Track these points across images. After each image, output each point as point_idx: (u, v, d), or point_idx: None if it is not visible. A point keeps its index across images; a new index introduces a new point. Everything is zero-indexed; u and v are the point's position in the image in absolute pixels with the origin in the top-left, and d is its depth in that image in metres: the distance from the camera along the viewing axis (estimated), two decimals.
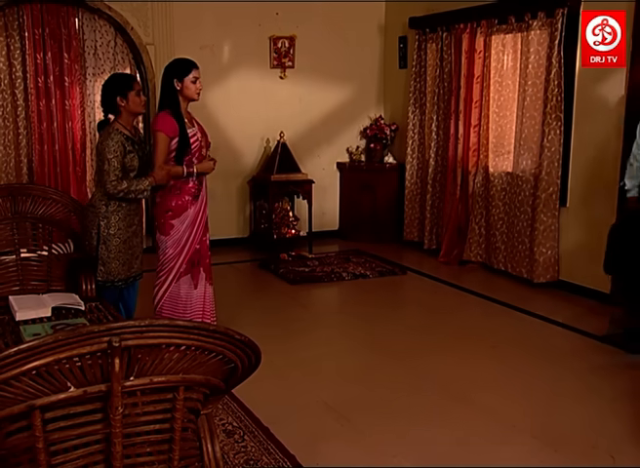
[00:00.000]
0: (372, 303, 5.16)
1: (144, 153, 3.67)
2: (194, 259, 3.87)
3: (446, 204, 6.31)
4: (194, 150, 3.77)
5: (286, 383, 3.68)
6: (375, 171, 7.05)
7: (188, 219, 3.82)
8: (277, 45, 6.71)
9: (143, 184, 3.54)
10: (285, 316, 4.81)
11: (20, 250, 3.70)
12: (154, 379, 1.60)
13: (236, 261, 6.25)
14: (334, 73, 6.99)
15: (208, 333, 1.61)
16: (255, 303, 5.09)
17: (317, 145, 7.08)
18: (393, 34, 7.08)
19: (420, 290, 5.64)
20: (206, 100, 6.37)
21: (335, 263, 6.14)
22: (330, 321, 4.82)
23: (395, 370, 3.87)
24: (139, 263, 3.77)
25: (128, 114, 3.61)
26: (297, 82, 6.84)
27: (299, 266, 6.00)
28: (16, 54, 5.82)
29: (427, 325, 4.63)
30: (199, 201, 3.82)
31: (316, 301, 5.36)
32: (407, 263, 6.26)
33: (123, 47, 6.21)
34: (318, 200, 6.81)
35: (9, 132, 5.94)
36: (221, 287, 5.18)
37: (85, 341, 1.46)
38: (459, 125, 6.09)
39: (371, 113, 7.22)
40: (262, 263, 6.14)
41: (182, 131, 3.73)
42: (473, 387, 3.63)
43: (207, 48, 6.42)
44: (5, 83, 5.85)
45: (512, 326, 4.64)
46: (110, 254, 3.63)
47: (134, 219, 3.69)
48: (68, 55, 5.95)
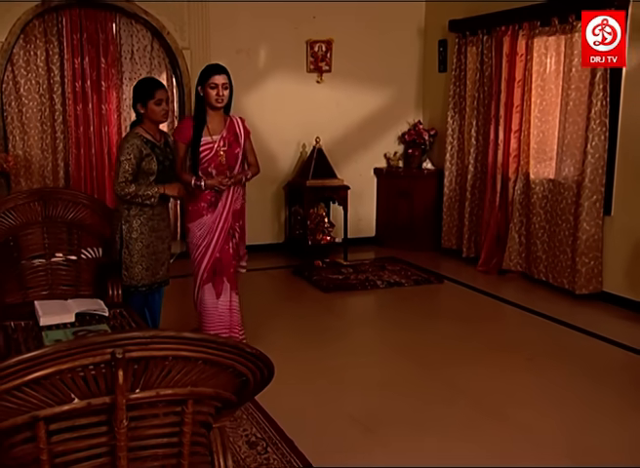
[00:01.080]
0: (406, 312, 5.07)
1: (167, 158, 3.67)
2: (215, 268, 3.84)
3: (485, 211, 6.19)
4: (203, 160, 3.73)
5: (313, 393, 3.63)
6: (413, 177, 6.97)
7: (205, 227, 3.80)
8: (314, 49, 6.69)
9: (151, 191, 3.55)
10: (316, 324, 4.76)
11: (50, 254, 3.75)
12: (161, 392, 1.57)
13: (270, 268, 6.22)
14: (371, 77, 6.93)
15: (217, 346, 1.56)
16: (286, 311, 5.04)
17: (354, 151, 7.02)
18: (433, 37, 6.99)
19: (457, 299, 5.53)
20: (241, 105, 6.38)
21: (369, 271, 6.07)
22: (362, 330, 4.74)
23: (427, 381, 3.78)
24: (164, 270, 3.76)
25: (148, 120, 3.63)
26: (333, 86, 6.81)
27: (332, 273, 5.95)
28: (54, 59, 5.92)
29: (462, 335, 4.52)
30: (218, 209, 3.78)
31: (349, 310, 5.29)
32: (444, 272, 6.15)
33: (159, 51, 6.26)
34: (354, 206, 6.78)
35: (46, 136, 6.04)
36: (254, 294, 5.21)
37: (87, 352, 1.43)
38: (499, 130, 5.97)
39: (409, 118, 7.14)
40: (296, 270, 6.11)
41: (195, 139, 3.70)
42: (508, 402, 3.52)
43: (243, 52, 6.43)
44: (43, 88, 5.96)
45: (551, 338, 4.50)
46: (133, 259, 3.63)
47: (159, 224, 3.69)
48: (105, 59, 6.04)
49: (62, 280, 3.75)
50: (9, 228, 3.66)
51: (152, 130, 3.65)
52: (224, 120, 3.80)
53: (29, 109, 5.93)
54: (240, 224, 3.90)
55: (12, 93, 5.86)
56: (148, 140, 3.60)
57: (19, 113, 5.92)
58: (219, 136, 3.74)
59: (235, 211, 3.87)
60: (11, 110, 5.89)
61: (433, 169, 6.94)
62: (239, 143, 3.79)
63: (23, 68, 5.85)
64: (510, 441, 3.12)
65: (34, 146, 6.02)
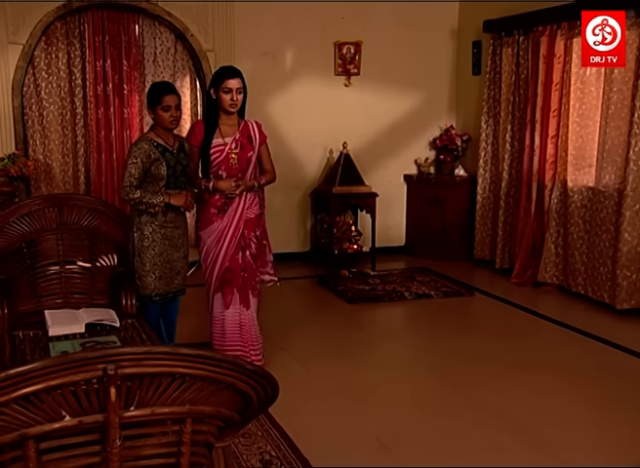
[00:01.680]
0: (434, 326, 4.99)
1: (180, 163, 3.66)
2: (225, 278, 3.80)
3: (520, 220, 6.08)
4: (214, 163, 3.72)
5: (334, 410, 3.57)
6: (444, 184, 6.89)
7: (214, 235, 3.77)
8: (342, 51, 6.66)
9: (156, 200, 3.56)
10: (339, 337, 4.71)
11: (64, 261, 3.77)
12: (157, 410, 1.54)
13: (294, 277, 6.17)
14: (402, 80, 6.88)
15: (215, 363, 1.53)
16: (309, 323, 5.00)
17: (383, 157, 6.97)
18: (467, 39, 6.91)
19: (489, 313, 5.43)
20: (267, 109, 6.42)
21: (397, 282, 6.00)
22: (387, 344, 4.67)
23: (456, 400, 3.69)
24: (180, 279, 3.75)
25: (158, 126, 3.66)
26: (362, 90, 6.77)
27: (359, 284, 5.90)
28: (76, 61, 5.99)
29: (494, 352, 4.42)
30: (228, 216, 3.75)
31: (374, 322, 5.23)
32: (476, 283, 6.05)
33: (183, 54, 6.30)
34: (383, 214, 6.72)
35: (67, 140, 6.11)
36: (276, 304, 5.18)
37: (78, 368, 1.40)
38: (535, 135, 5.86)
39: (441, 123, 7.07)
40: (321, 280, 6.07)
41: (205, 140, 3.70)
42: (542, 424, 3.41)
43: (269, 54, 6.44)
44: (65, 91, 6.02)
45: (590, 356, 4.37)
46: (145, 267, 3.64)
47: (173, 232, 3.68)
48: (128, 62, 6.08)
49: (76, 288, 3.76)
50: (22, 234, 3.69)
51: (164, 134, 3.65)
52: (238, 123, 3.79)
53: (50, 113, 6.00)
54: (256, 234, 3.85)
55: (33, 96, 5.94)
56: (159, 144, 3.61)
57: (39, 117, 5.99)
58: (231, 139, 3.73)
59: (249, 219, 3.81)
60: (31, 114, 5.96)
61: (466, 175, 6.85)
62: (252, 147, 3.77)
63: (45, 71, 5.92)
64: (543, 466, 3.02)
65: (55, 151, 6.09)
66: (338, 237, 6.47)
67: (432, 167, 7.09)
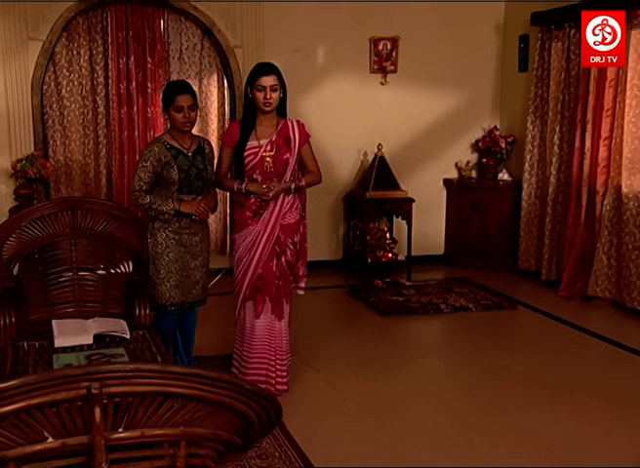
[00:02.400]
0: (471, 342, 4.89)
1: (195, 167, 3.65)
2: (257, 285, 3.78)
3: (568, 229, 5.95)
4: (248, 166, 3.70)
5: (359, 432, 3.51)
6: (487, 189, 6.81)
7: (248, 239, 3.75)
8: (378, 47, 6.61)
9: (167, 207, 3.56)
10: (369, 353, 4.65)
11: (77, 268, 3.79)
12: (147, 432, 1.51)
13: (325, 287, 6.13)
14: (442, 78, 6.81)
15: (210, 382, 1.49)
16: (337, 336, 4.94)
17: (421, 159, 6.91)
18: (513, 33, 6.80)
19: (533, 328, 5.31)
20: (298, 109, 6.37)
21: (434, 293, 5.93)
22: (420, 361, 4.59)
23: (491, 424, 3.60)
24: (199, 289, 3.74)
25: (173, 127, 3.67)
26: (399, 88, 6.71)
27: (392, 295, 5.84)
28: (98, 58, 6.04)
29: (536, 372, 4.30)
30: (263, 220, 3.73)
31: (407, 336, 5.15)
32: (519, 296, 5.94)
33: (210, 50, 6.31)
34: (421, 221, 6.66)
35: (89, 141, 6.17)
36: (303, 316, 5.15)
37: (60, 386, 1.38)
38: (586, 137, 5.74)
39: (484, 123, 6.98)
40: (352, 290, 6.03)
41: (241, 142, 3.69)
42: (582, 455, 3.30)
43: (300, 51, 6.42)
44: (86, 89, 6.08)
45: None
46: (159, 275, 3.64)
47: (189, 238, 3.67)
48: (152, 59, 6.11)
49: (90, 296, 3.78)
50: (34, 239, 3.72)
51: (180, 136, 3.65)
52: (277, 123, 3.76)
53: (71, 112, 6.06)
54: (294, 241, 3.82)
55: (53, 94, 6.01)
56: (172, 147, 3.61)
57: (60, 116, 6.06)
58: (266, 141, 3.70)
59: (287, 225, 3.79)
60: (52, 113, 6.04)
61: (510, 180, 6.75)
62: (290, 149, 3.73)
63: (66, 69, 5.99)
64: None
65: (75, 152, 6.15)
66: (371, 245, 6.42)
67: (474, 171, 7.01)
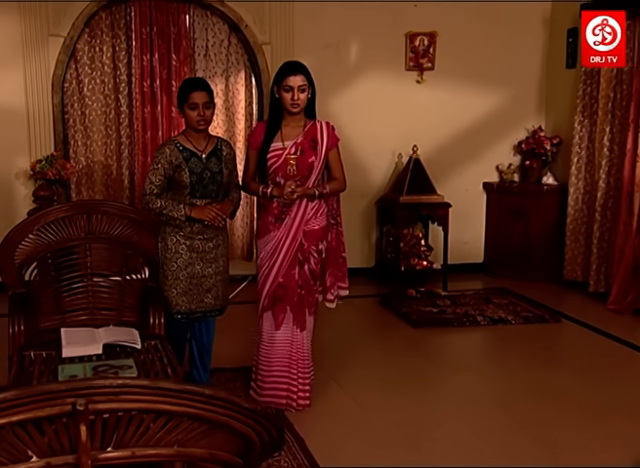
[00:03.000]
0: (510, 357, 4.81)
1: (209, 170, 3.64)
2: (277, 295, 3.76)
3: (618, 236, 5.84)
4: (271, 168, 3.69)
5: (384, 450, 3.46)
6: (530, 193, 6.73)
7: (270, 245, 3.73)
8: (414, 43, 6.57)
9: (178, 212, 3.58)
10: (398, 366, 4.60)
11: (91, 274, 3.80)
12: (138, 452, 1.48)
13: (355, 296, 5.97)
14: (483, 76, 6.74)
15: (204, 399, 1.46)
16: (364, 349, 4.91)
17: (459, 162, 6.86)
18: (561, 26, 6.69)
19: (577, 344, 5.22)
20: (328, 108, 6.35)
21: (471, 304, 5.87)
22: (453, 376, 4.52)
23: (527, 446, 3.51)
24: (212, 297, 3.73)
25: (188, 127, 3.67)
26: (437, 86, 6.67)
27: (426, 305, 5.80)
28: (121, 55, 6.11)
29: (579, 390, 4.20)
30: (285, 226, 3.71)
31: (440, 350, 5.08)
32: (564, 309, 5.85)
33: (237, 47, 6.33)
34: (459, 227, 6.61)
35: (111, 141, 6.23)
36: (330, 326, 5.13)
37: (43, 402, 1.36)
38: (638, 138, 5.63)
39: (528, 124, 6.89)
40: (384, 300, 6.00)
41: (265, 143, 3.68)
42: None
43: (332, 47, 6.41)
44: (109, 87, 6.15)
45: None
46: (167, 282, 3.67)
47: (202, 244, 3.67)
48: (177, 56, 6.16)
49: (104, 304, 3.79)
50: (47, 244, 3.73)
51: (195, 136, 3.66)
52: (304, 125, 3.74)
53: (93, 111, 6.14)
54: (318, 249, 3.79)
55: (75, 93, 6.09)
56: (185, 148, 3.61)
57: (81, 116, 6.13)
58: (291, 143, 3.68)
59: (312, 231, 3.75)
60: (73, 112, 6.11)
61: (555, 184, 6.66)
62: (316, 152, 3.70)
63: (88, 66, 6.06)
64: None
65: (97, 152, 6.22)
66: (405, 252, 6.37)
67: (516, 174, 6.94)
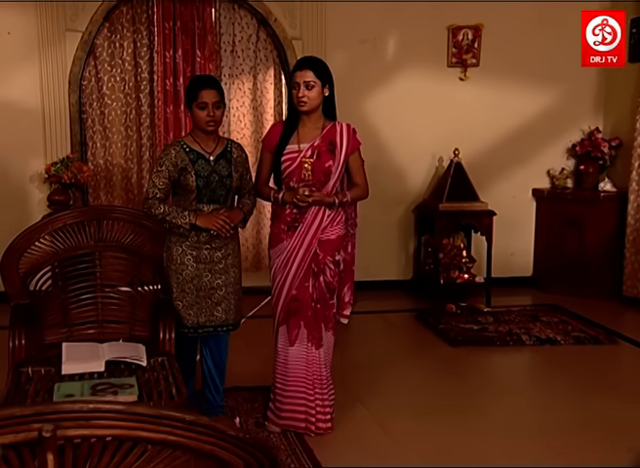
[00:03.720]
0: (557, 382, 4.69)
1: (217, 173, 3.64)
2: (291, 309, 3.74)
3: None
4: (285, 172, 3.68)
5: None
6: (585, 201, 6.66)
7: (282, 256, 3.71)
8: (457, 37, 6.53)
9: (182, 220, 3.57)
10: (432, 388, 4.54)
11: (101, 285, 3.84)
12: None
13: (389, 311, 6.11)
14: (533, 72, 6.66)
15: (185, 426, 1.43)
16: (396, 369, 4.86)
17: (505, 166, 6.80)
18: None
19: (636, 369, 5.10)
20: (363, 109, 6.38)
21: (516, 321, 5.80)
22: (492, 400, 4.44)
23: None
24: (222, 311, 3.72)
25: (196, 128, 3.68)
26: (482, 84, 6.61)
27: (466, 322, 5.74)
28: (142, 51, 6.18)
29: (636, 420, 4.08)
30: (299, 234, 3.68)
31: (478, 372, 4.99)
32: (622, 329, 5.72)
33: (266, 42, 6.36)
34: (504, 237, 6.57)
35: (131, 143, 6.29)
36: (359, 343, 5.12)
37: (7, 428, 1.35)
38: None
39: (583, 124, 6.80)
40: (421, 315, 5.96)
41: (279, 145, 3.68)
42: None
43: (367, 42, 6.40)
44: (129, 86, 6.22)
45: None
46: (172, 294, 3.67)
47: (210, 254, 3.66)
48: (202, 52, 6.20)
49: (114, 316, 3.84)
50: (55, 252, 3.79)
51: (203, 138, 3.66)
52: (323, 126, 3.72)
53: (112, 111, 6.22)
54: (335, 260, 3.75)
55: (94, 92, 6.17)
56: (192, 150, 3.62)
57: (100, 116, 6.22)
58: (307, 145, 3.67)
59: (327, 241, 3.72)
60: (91, 112, 6.20)
61: (614, 191, 6.58)
62: (334, 156, 3.67)
63: (107, 63, 6.15)
64: None
65: (117, 155, 6.29)
66: (444, 263, 6.32)
67: (570, 180, 6.87)
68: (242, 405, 4.13)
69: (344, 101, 6.34)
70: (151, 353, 3.27)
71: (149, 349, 3.35)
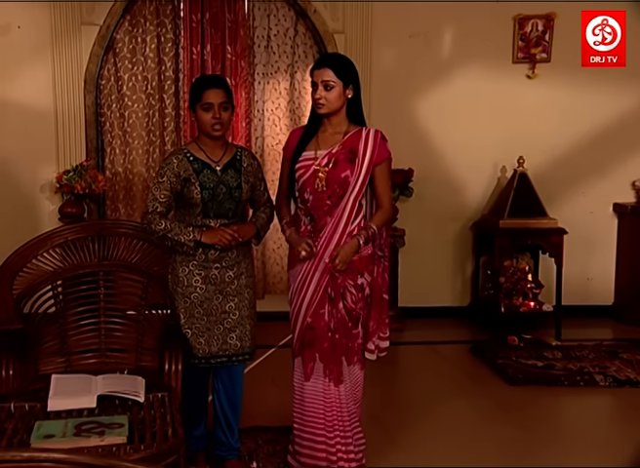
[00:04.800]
0: (636, 431, 4.56)
1: (224, 184, 3.62)
2: (306, 338, 3.70)
3: None
4: (300, 182, 3.66)
5: None
6: None
7: (298, 278, 3.69)
8: (525, 28, 6.48)
9: (185, 236, 3.54)
10: (484, 433, 4.46)
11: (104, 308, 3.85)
12: None
13: (440, 342, 6.07)
14: (614, 69, 6.48)
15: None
16: (443, 409, 4.80)
17: (580, 178, 6.73)
18: None
19: None
20: (414, 111, 6.38)
21: (589, 358, 5.67)
22: (555, 452, 4.31)
23: None
24: (236, 338, 3.70)
25: (202, 133, 3.68)
26: (553, 82, 6.55)
27: (529, 357, 5.64)
28: (167, 47, 6.25)
29: None
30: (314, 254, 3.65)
31: (541, 416, 4.86)
32: None
33: (305, 37, 6.38)
34: (579, 259, 6.53)
35: (154, 149, 6.35)
36: (402, 379, 5.10)
37: None
38: None
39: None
40: (476, 348, 5.90)
41: (296, 151, 3.68)
42: None
43: (419, 36, 6.37)
44: (152, 86, 6.29)
45: None
46: (180, 321, 3.65)
47: (221, 274, 3.64)
48: (233, 48, 6.24)
49: (119, 344, 3.86)
50: (54, 272, 3.82)
51: (210, 144, 3.65)
52: (346, 132, 3.68)
53: (133, 113, 6.29)
54: (357, 283, 3.68)
55: (113, 92, 6.26)
56: (196, 158, 3.61)
57: (119, 118, 6.30)
58: (325, 152, 3.64)
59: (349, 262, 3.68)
60: (110, 114, 6.28)
61: None
62: (353, 165, 3.61)
63: (128, 60, 6.23)
64: None
65: (137, 162, 6.36)
66: (506, 289, 6.24)
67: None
68: (262, 447, 4.10)
69: (391, 103, 6.43)
70: (152, 387, 3.26)
71: (152, 382, 3.34)
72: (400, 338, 5.93)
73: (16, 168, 6.14)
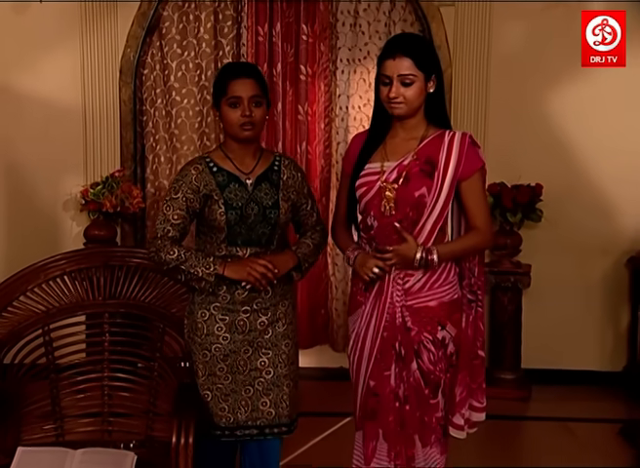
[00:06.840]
0: None
1: (256, 202, 3.61)
2: (367, 407, 3.62)
3: None
4: (361, 201, 3.60)
5: None
6: None
7: (359, 326, 3.64)
8: None
9: (204, 269, 3.50)
10: None
11: (109, 361, 3.87)
12: None
13: (577, 419, 5.90)
14: None
15: None
16: None
17: None
18: None
19: None
20: (548, 106, 6.39)
21: None
22: None
23: None
24: (270, 404, 3.67)
25: (227, 135, 3.67)
26: None
27: None
28: (226, 27, 6.31)
29: None
30: (375, 295, 3.58)
31: None
32: None
33: (405, 12, 6.34)
34: None
35: None
36: (524, 463, 4.94)
37: None
38: None
39: None
40: (627, 429, 5.69)
41: (358, 164, 3.63)
42: None
43: (558, 7, 6.34)
44: (207, 76, 6.33)
45: None
46: (198, 379, 3.64)
47: (253, 320, 3.62)
48: (310, 28, 6.28)
49: (125, 408, 3.88)
50: (45, 313, 3.86)
51: (238, 150, 3.64)
52: (423, 136, 3.61)
53: (182, 111, 6.36)
54: (437, 337, 3.59)
55: (157, 84, 6.36)
56: (221, 169, 3.61)
57: (165, 118, 6.38)
58: (394, 164, 3.57)
59: (422, 309, 3.58)
60: (153, 113, 6.38)
61: None
62: (431, 181, 3.53)
63: (177, 43, 6.31)
64: None
65: None
66: None
67: None
68: None
69: (516, 97, 6.40)
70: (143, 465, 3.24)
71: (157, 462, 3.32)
72: (523, 411, 5.84)
73: (33, 179, 6.28)
